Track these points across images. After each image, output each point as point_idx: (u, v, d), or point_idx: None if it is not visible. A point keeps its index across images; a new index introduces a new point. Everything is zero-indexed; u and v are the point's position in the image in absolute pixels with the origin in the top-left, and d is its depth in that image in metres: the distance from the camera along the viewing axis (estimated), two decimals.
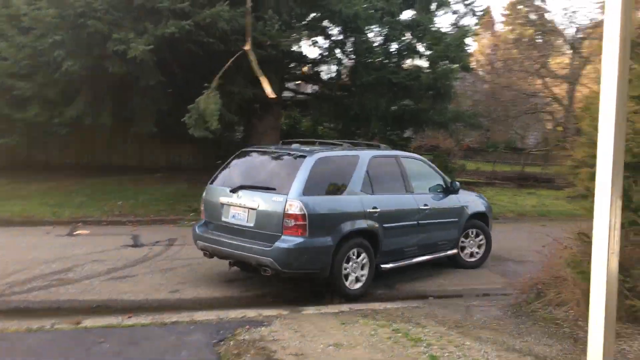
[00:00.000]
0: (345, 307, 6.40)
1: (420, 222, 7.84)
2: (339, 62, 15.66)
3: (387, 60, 15.69)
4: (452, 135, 18.37)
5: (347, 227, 6.84)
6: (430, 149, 23.07)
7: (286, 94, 17.51)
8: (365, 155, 7.56)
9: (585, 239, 5.93)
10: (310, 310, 6.26)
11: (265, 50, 12.88)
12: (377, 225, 7.18)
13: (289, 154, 7.28)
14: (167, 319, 5.68)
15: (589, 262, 5.59)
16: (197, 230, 7.44)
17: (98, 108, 13.71)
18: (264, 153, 7.63)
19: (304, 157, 6.94)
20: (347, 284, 6.91)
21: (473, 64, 17.68)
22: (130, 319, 5.69)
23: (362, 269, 7.08)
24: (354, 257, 6.98)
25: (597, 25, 17.81)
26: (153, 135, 15.71)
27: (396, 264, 7.59)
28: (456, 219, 8.52)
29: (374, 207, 7.20)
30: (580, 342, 5.34)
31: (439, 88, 15.55)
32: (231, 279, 7.52)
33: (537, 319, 6.09)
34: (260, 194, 6.80)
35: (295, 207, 6.44)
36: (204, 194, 7.60)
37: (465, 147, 28.90)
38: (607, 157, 2.06)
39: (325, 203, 6.80)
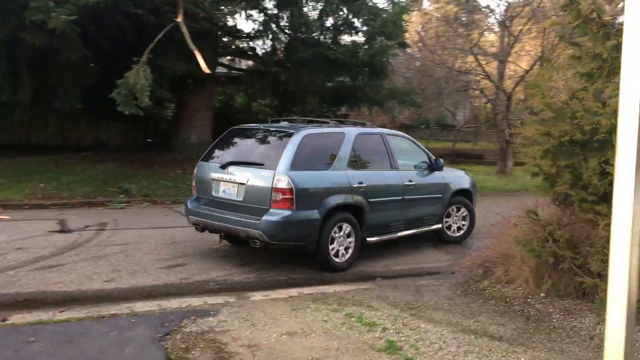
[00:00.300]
0: (294, 292, 6.16)
1: (405, 197, 8.05)
2: (275, 37, 15.20)
3: (323, 36, 15.37)
4: (388, 112, 18.33)
5: (333, 201, 7.06)
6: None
7: (220, 69, 16.90)
8: (351, 132, 7.76)
9: (533, 216, 5.92)
10: (258, 296, 5.97)
11: (198, 23, 12.29)
12: (362, 199, 7.41)
13: (277, 131, 7.50)
14: (105, 311, 5.24)
15: (538, 240, 5.61)
16: (189, 205, 7.68)
17: (16, 83, 12.73)
18: (253, 130, 7.85)
19: (292, 134, 7.15)
20: (333, 256, 7.14)
21: (407, 41, 17.58)
22: (63, 313, 5.21)
23: (348, 242, 7.32)
24: (340, 231, 7.21)
25: (527, 4, 18.14)
26: (77, 113, 14.82)
27: (381, 238, 7.78)
28: (440, 195, 8.73)
29: (360, 183, 7.41)
30: (532, 320, 5.33)
31: (375, 65, 15.38)
32: (170, 265, 7.11)
33: (486, 297, 6.07)
34: (249, 170, 7.03)
35: (282, 181, 6.67)
36: (195, 171, 7.82)
37: (398, 124, 29.12)
38: (631, 138, 1.87)
39: (312, 178, 7.01)
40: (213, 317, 5.16)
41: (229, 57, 17.57)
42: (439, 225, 8.76)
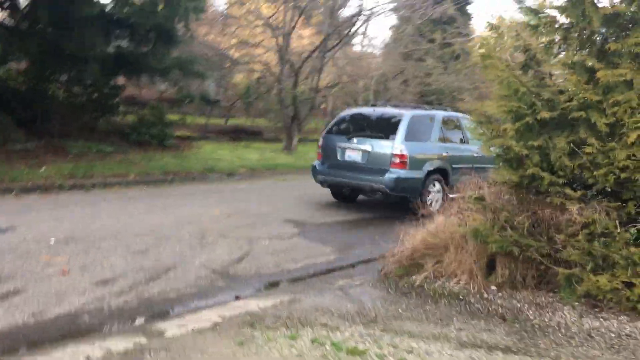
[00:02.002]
0: (212, 316, 4.63)
1: (474, 165, 9.61)
2: None
3: None
4: (176, 84, 16.48)
5: (431, 165, 9.64)
6: (127, 99, 20.42)
7: None
8: (439, 114, 10.56)
9: (482, 203, 5.36)
10: (171, 328, 4.32)
11: None
12: (448, 165, 9.92)
13: (390, 112, 10.08)
14: None
15: (499, 229, 5.06)
16: (318, 167, 10.32)
17: None
18: (367, 111, 10.55)
19: (403, 114, 9.72)
20: (429, 205, 8.82)
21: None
22: None
23: (438, 196, 9.64)
24: (434, 187, 9.71)
25: None
26: None
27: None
28: None
29: (447, 152, 10.00)
30: (509, 320, 4.75)
31: (168, 29, 13.53)
32: (3, 294, 4.90)
33: (432, 296, 5.33)
34: (372, 140, 9.60)
35: (400, 149, 9.26)
36: (320, 141, 10.49)
37: (161, 99, 26.75)
38: None
39: (418, 147, 9.56)
40: None
41: None
42: None
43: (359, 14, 17.76)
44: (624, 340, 4.34)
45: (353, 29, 20.33)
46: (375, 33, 54.54)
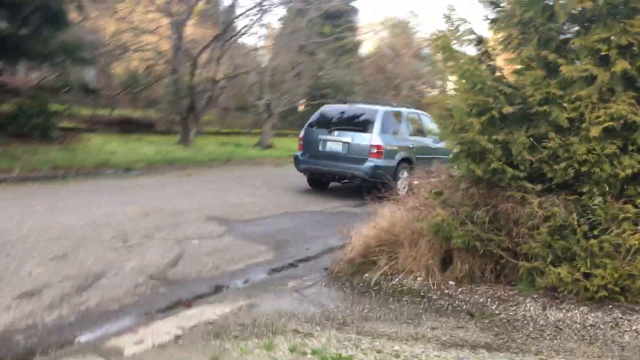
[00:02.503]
0: (173, 329, 4.14)
1: (433, 155, 11.04)
2: None
3: None
4: (63, 71, 15.12)
5: (400, 155, 10.91)
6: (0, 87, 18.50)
7: None
8: (405, 110, 12.04)
9: (440, 198, 5.28)
10: (129, 346, 3.82)
11: None
12: (413, 155, 11.19)
13: (365, 108, 11.41)
14: None
15: (459, 223, 5.01)
16: (300, 157, 11.49)
17: None
18: (343, 107, 11.77)
19: (377, 110, 11.04)
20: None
21: None
22: None
23: (406, 182, 10.38)
24: (402, 174, 10.83)
25: None
26: None
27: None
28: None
29: (412, 144, 11.36)
30: (478, 316, 4.71)
31: (56, 10, 12.35)
32: None
33: (392, 294, 5.19)
34: (352, 133, 10.83)
35: (377, 140, 10.56)
36: (302, 134, 11.75)
37: (31, 86, 24.56)
38: None
39: (390, 139, 10.89)
40: None
41: None
42: None
43: (260, 4, 17.37)
44: (591, 331, 4.45)
45: (248, 21, 20.00)
46: (271, 24, 53.80)
